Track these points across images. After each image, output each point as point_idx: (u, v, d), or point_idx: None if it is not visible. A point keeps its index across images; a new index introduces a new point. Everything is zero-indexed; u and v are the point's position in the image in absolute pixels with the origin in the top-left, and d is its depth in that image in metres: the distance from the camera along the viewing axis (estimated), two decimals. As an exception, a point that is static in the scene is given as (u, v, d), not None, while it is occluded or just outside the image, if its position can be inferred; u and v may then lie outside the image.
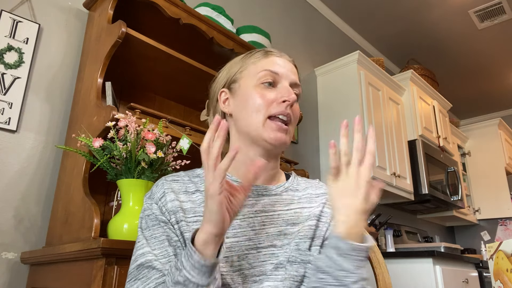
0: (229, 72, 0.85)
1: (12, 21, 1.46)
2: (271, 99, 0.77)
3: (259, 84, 0.78)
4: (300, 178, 0.89)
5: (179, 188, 0.77)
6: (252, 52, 0.85)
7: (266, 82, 0.78)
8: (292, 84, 0.80)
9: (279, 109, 0.76)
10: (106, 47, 1.38)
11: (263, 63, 0.81)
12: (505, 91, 4.61)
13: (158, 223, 0.73)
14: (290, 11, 2.95)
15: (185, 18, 1.61)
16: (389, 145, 2.82)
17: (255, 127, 0.76)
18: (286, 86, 0.79)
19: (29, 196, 1.39)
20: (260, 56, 0.83)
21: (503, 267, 0.92)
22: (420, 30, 3.62)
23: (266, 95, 0.77)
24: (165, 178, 0.81)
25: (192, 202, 0.76)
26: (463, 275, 2.41)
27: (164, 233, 0.72)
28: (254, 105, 0.77)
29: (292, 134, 0.80)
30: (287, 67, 0.82)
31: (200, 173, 0.83)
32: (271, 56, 0.82)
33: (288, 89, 0.78)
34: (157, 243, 0.71)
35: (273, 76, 0.79)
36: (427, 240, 3.71)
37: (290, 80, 0.80)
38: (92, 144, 1.15)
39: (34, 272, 1.31)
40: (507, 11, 3.31)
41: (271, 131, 0.75)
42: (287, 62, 0.83)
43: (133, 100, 1.60)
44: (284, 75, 0.80)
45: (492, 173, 4.11)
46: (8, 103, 1.40)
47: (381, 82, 2.97)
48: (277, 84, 0.79)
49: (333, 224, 0.68)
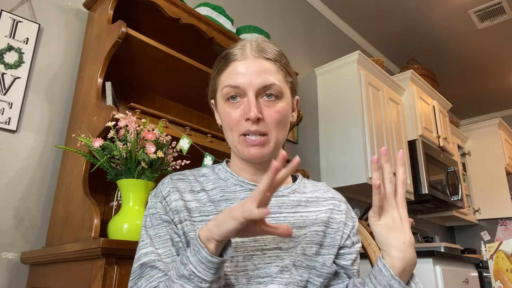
0: (210, 82, 0.83)
1: (12, 21, 1.46)
2: (237, 118, 0.74)
3: (225, 101, 0.76)
4: (306, 181, 0.88)
5: (184, 187, 0.77)
6: (221, 58, 0.80)
7: (230, 97, 0.75)
8: (260, 90, 0.73)
9: (245, 127, 0.73)
10: (106, 47, 1.38)
11: (224, 77, 0.76)
12: (505, 91, 4.61)
13: (162, 222, 0.73)
14: (290, 11, 2.96)
15: (185, 18, 1.61)
16: (389, 145, 2.82)
17: (232, 144, 0.77)
18: (248, 100, 0.73)
19: (29, 196, 1.39)
20: (221, 66, 0.78)
21: (503, 267, 0.92)
22: (420, 30, 3.62)
23: (231, 114, 0.74)
24: (171, 176, 0.80)
25: (198, 201, 0.76)
26: (463, 275, 2.41)
27: (167, 232, 0.72)
28: (227, 123, 0.76)
29: (280, 138, 0.76)
30: (252, 71, 0.74)
31: (205, 172, 0.83)
32: (232, 63, 0.76)
33: (249, 104, 0.72)
34: (161, 242, 0.72)
35: (235, 90, 0.74)
36: (427, 240, 3.71)
37: (256, 87, 0.73)
38: (92, 144, 1.15)
39: (34, 272, 1.31)
40: (507, 11, 3.31)
41: (245, 148, 0.74)
42: (255, 62, 0.75)
43: (133, 100, 1.60)
44: (246, 86, 0.73)
45: (492, 173, 4.11)
46: (8, 103, 1.40)
47: (381, 82, 2.97)
48: (244, 95, 0.74)
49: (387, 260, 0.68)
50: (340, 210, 0.82)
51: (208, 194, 0.77)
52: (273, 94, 0.74)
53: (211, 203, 0.76)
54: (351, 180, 2.59)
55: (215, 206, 0.75)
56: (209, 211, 0.75)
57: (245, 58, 0.76)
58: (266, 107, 0.74)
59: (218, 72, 0.79)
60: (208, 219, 0.74)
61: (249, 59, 0.75)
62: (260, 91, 0.74)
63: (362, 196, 2.95)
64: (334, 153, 2.75)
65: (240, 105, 0.74)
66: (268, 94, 0.74)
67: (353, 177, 2.58)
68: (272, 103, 0.75)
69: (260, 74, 0.74)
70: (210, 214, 0.74)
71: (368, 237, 1.04)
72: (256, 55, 0.76)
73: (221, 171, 0.82)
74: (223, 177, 0.81)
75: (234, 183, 0.79)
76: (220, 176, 0.81)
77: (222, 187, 0.79)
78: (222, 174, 0.81)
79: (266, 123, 0.73)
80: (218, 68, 0.79)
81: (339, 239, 0.78)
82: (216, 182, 0.80)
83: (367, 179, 2.52)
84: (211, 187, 0.79)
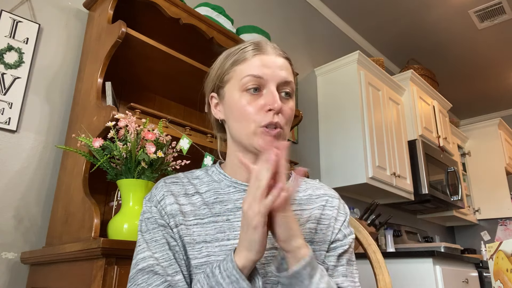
0: (216, 74, 0.81)
1: (12, 21, 1.46)
2: (256, 108, 0.72)
3: (243, 91, 0.74)
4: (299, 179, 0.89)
5: (178, 191, 0.77)
6: (237, 51, 0.79)
7: (251, 88, 0.73)
8: (281, 84, 0.74)
9: (265, 119, 0.72)
10: (106, 47, 1.38)
11: (246, 67, 0.75)
12: (505, 91, 4.61)
13: (158, 227, 0.73)
14: (290, 11, 2.95)
15: (185, 18, 1.61)
16: (389, 145, 2.82)
17: (246, 136, 0.74)
18: (272, 92, 0.73)
19: (29, 196, 1.39)
20: (244, 56, 0.77)
21: (503, 267, 0.92)
22: (420, 30, 3.62)
23: (251, 104, 0.73)
24: (164, 180, 0.80)
25: (192, 204, 0.76)
26: (463, 275, 2.40)
27: (163, 236, 0.72)
28: (242, 115, 0.74)
29: (287, 134, 0.77)
30: (275, 65, 0.75)
31: (199, 174, 0.82)
32: (257, 55, 0.76)
33: (273, 95, 0.72)
34: (158, 246, 0.71)
35: (258, 81, 0.73)
36: (427, 240, 3.71)
37: (278, 80, 0.74)
38: (92, 144, 1.15)
39: (34, 272, 1.31)
40: (507, 11, 3.31)
41: (261, 140, 0.72)
42: (276, 58, 0.76)
43: (133, 100, 1.60)
44: (269, 77, 0.73)
45: (492, 173, 4.11)
46: (8, 103, 1.40)
47: (381, 82, 2.97)
48: (263, 88, 0.74)
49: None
50: (333, 206, 0.82)
51: (202, 197, 0.77)
52: (288, 92, 0.76)
53: (206, 206, 0.76)
54: (351, 180, 2.59)
55: (210, 209, 0.75)
56: (204, 214, 0.75)
57: (268, 53, 0.76)
58: (282, 102, 0.74)
59: (233, 63, 0.77)
60: (203, 222, 0.74)
61: (272, 55, 0.76)
62: (280, 85, 0.74)
63: (362, 196, 2.95)
64: (334, 153, 2.75)
65: (258, 98, 0.73)
66: (286, 92, 0.75)
67: (353, 177, 2.58)
68: (287, 100, 0.76)
69: (282, 70, 0.76)
70: (205, 217, 0.74)
71: (368, 237, 1.04)
72: (278, 53, 0.78)
73: (215, 173, 0.82)
74: (216, 179, 0.80)
75: (227, 185, 0.79)
76: (214, 178, 0.81)
77: (216, 189, 0.78)
78: (215, 176, 0.81)
79: (283, 118, 0.74)
80: (234, 60, 0.77)
81: (330, 234, 0.79)
82: (210, 184, 0.80)
83: (367, 179, 2.52)
84: (205, 190, 0.78)
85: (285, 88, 0.75)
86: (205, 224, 0.74)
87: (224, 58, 0.80)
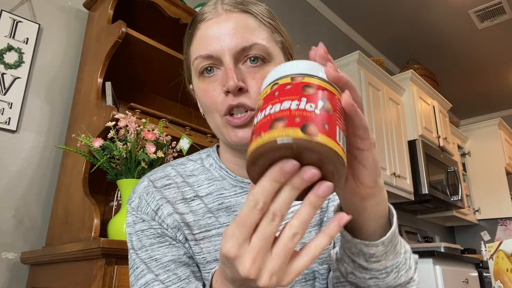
0: (185, 64, 0.68)
1: (12, 21, 1.46)
2: (215, 95, 0.57)
3: (199, 77, 0.59)
4: None
5: (174, 196, 0.61)
6: (187, 30, 0.64)
7: (203, 70, 0.58)
8: (238, 52, 0.56)
9: (225, 104, 0.56)
10: (106, 47, 1.38)
11: (194, 48, 0.60)
12: (505, 91, 4.61)
13: (159, 241, 0.58)
14: (290, 11, 2.96)
15: (185, 18, 1.61)
16: (389, 145, 2.82)
17: (217, 131, 0.60)
18: (225, 68, 0.56)
19: (29, 196, 1.39)
20: (190, 34, 0.62)
21: (503, 267, 0.92)
22: (420, 30, 3.62)
23: (208, 91, 0.58)
24: (154, 183, 0.62)
25: (194, 213, 0.61)
26: (463, 275, 2.40)
27: (168, 252, 0.57)
28: (205, 105, 0.59)
29: None
30: (224, 30, 0.57)
31: (193, 169, 0.65)
32: (200, 25, 0.60)
33: (226, 72, 0.55)
34: (160, 266, 0.55)
35: (209, 61, 0.57)
36: (427, 240, 3.71)
37: (232, 49, 0.56)
38: (92, 144, 1.15)
39: (34, 272, 1.31)
40: (507, 11, 3.31)
41: (230, 131, 0.57)
42: (226, 20, 0.58)
43: (133, 100, 1.60)
44: (219, 52, 0.56)
45: (492, 173, 4.11)
46: (8, 103, 1.39)
47: (381, 82, 2.97)
48: (221, 64, 0.57)
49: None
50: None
51: (204, 202, 0.62)
52: (258, 57, 0.57)
53: (211, 214, 0.61)
54: (351, 180, 2.58)
55: (216, 218, 0.61)
56: (210, 224, 0.60)
57: (216, 15, 0.58)
58: (250, 74, 0.56)
59: (188, 44, 0.63)
60: (210, 235, 0.60)
61: (221, 16, 0.58)
62: (238, 54, 0.56)
63: (362, 196, 2.95)
64: (334, 153, 2.74)
65: (218, 79, 0.57)
66: (252, 58, 0.57)
67: (353, 177, 2.58)
68: (258, 69, 0.57)
69: (236, 33, 0.56)
70: (212, 228, 0.60)
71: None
72: (229, 8, 0.59)
73: (214, 167, 0.65)
74: (218, 176, 0.64)
75: (232, 184, 0.63)
76: (214, 174, 0.64)
77: (218, 190, 0.63)
78: (216, 172, 0.64)
79: (252, 95, 0.55)
80: (188, 37, 0.63)
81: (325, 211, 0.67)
82: (210, 183, 0.63)
83: (367, 179, 2.52)
84: (206, 192, 0.63)
85: (248, 54, 0.56)
86: (212, 238, 0.60)
87: (184, 43, 0.65)
